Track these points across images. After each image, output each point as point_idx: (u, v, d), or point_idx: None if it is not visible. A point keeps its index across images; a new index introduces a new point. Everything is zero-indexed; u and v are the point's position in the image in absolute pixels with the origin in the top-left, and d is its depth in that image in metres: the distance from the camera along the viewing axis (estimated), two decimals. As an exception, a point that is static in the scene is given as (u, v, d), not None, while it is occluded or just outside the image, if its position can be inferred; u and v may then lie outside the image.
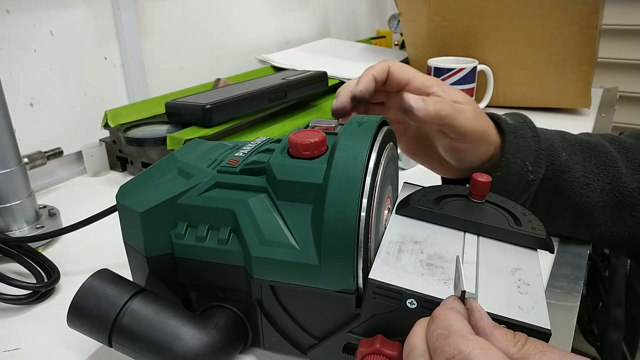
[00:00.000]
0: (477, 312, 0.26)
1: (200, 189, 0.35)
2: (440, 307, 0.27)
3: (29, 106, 0.70)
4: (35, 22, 0.69)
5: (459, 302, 0.27)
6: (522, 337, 0.25)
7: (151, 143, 0.66)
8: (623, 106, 1.37)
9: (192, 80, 0.92)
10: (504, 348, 0.24)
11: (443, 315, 0.26)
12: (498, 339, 0.25)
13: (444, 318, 0.25)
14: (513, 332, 0.25)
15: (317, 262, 0.31)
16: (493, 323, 0.26)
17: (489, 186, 0.38)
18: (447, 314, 0.25)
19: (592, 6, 0.84)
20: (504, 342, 0.24)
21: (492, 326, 0.25)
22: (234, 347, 0.35)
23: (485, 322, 0.25)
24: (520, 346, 0.24)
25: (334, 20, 1.41)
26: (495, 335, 0.25)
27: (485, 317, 0.26)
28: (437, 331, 0.25)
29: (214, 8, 0.99)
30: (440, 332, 0.24)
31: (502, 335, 0.25)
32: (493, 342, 0.24)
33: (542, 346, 0.24)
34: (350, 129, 0.34)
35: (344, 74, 0.93)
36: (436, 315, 0.26)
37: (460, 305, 0.27)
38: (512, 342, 0.24)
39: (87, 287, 0.34)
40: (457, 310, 0.26)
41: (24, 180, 0.54)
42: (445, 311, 0.26)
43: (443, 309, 0.26)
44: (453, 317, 0.25)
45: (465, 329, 0.24)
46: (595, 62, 0.89)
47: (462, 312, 0.26)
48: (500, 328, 0.25)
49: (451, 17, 0.94)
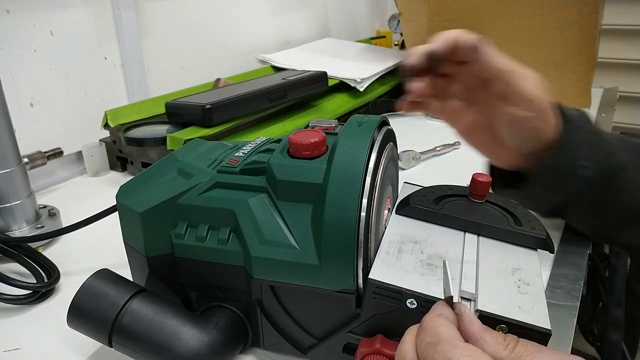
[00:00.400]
0: (466, 316, 0.26)
1: (200, 189, 0.35)
2: (429, 314, 0.27)
3: (29, 106, 0.70)
4: (35, 22, 0.69)
5: (448, 307, 0.27)
6: (512, 340, 0.25)
7: (151, 143, 0.66)
8: (623, 106, 1.37)
9: (192, 80, 0.92)
10: (495, 352, 0.24)
11: (431, 322, 0.26)
12: (488, 342, 0.25)
13: (432, 325, 0.25)
14: (504, 335, 0.25)
15: (317, 262, 0.31)
16: (483, 327, 0.26)
17: (489, 186, 0.38)
18: (435, 321, 0.25)
19: (592, 6, 0.84)
20: (495, 346, 0.24)
21: (482, 330, 0.25)
22: (234, 347, 0.35)
23: (475, 326, 0.25)
24: (511, 349, 0.24)
25: (334, 20, 1.41)
26: (485, 339, 0.25)
27: (474, 321, 0.26)
28: (426, 339, 0.25)
29: (214, 8, 0.99)
30: (429, 340, 0.25)
31: (493, 339, 0.25)
32: (483, 346, 0.24)
33: (534, 348, 0.24)
34: (350, 129, 0.34)
35: (344, 74, 0.93)
36: (425, 323, 0.26)
37: (449, 310, 0.27)
38: (503, 345, 0.24)
39: (87, 287, 0.34)
40: (446, 316, 0.26)
41: (24, 180, 0.54)
42: (434, 318, 0.26)
43: (431, 316, 0.26)
44: (441, 324, 0.25)
45: (453, 336, 0.24)
46: (595, 62, 0.89)
47: (451, 318, 0.26)
48: (490, 331, 0.25)
49: (451, 17, 0.94)
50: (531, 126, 0.43)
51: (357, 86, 0.92)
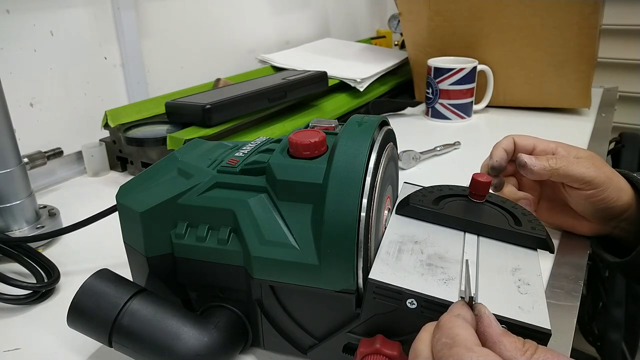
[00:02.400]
0: (486, 318, 0.25)
1: (200, 189, 0.35)
2: (447, 313, 0.26)
3: (29, 106, 0.70)
4: (35, 22, 0.69)
5: (467, 308, 0.26)
6: (531, 346, 0.24)
7: (151, 143, 0.66)
8: (623, 106, 1.37)
9: (192, 80, 0.92)
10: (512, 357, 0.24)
11: (449, 323, 0.25)
12: (506, 346, 0.24)
13: (449, 326, 0.25)
14: (523, 340, 0.25)
15: (317, 262, 0.31)
16: (502, 330, 0.25)
17: (489, 186, 0.38)
18: (453, 322, 0.25)
19: (592, 6, 0.84)
20: (513, 351, 0.24)
21: (500, 333, 0.25)
22: (234, 347, 0.36)
23: (494, 329, 0.25)
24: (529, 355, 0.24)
25: (334, 20, 1.41)
26: (503, 343, 0.24)
27: (494, 323, 0.25)
28: (442, 340, 0.24)
29: (214, 8, 0.99)
30: (445, 341, 0.24)
31: (511, 344, 0.24)
32: (501, 349, 0.24)
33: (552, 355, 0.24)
34: (350, 129, 0.34)
35: (344, 74, 0.93)
36: (442, 323, 0.25)
37: (468, 311, 0.26)
38: (521, 351, 0.24)
39: (87, 287, 0.34)
40: (464, 317, 0.25)
41: (24, 180, 0.54)
42: (452, 319, 0.25)
43: (449, 316, 0.26)
44: (458, 326, 0.25)
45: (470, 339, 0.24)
46: (595, 62, 0.89)
47: (469, 319, 0.25)
48: (509, 335, 0.25)
49: (451, 17, 0.94)
50: (600, 199, 0.46)
51: (357, 86, 0.92)
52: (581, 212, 0.49)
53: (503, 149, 0.50)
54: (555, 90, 0.93)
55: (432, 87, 0.92)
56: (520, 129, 0.62)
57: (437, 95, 0.92)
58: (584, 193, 0.46)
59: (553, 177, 0.46)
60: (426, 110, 0.96)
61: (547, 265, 0.47)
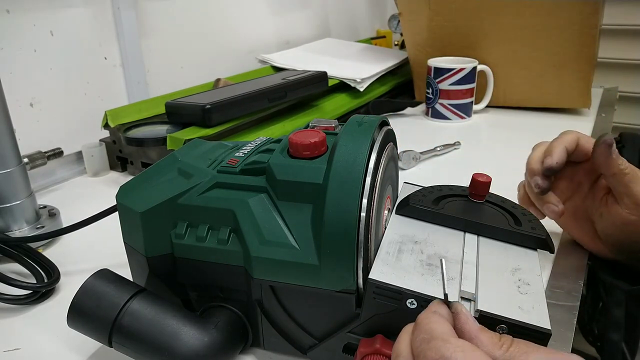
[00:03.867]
0: (463, 315, 0.26)
1: (200, 189, 0.35)
2: (424, 311, 0.27)
3: (29, 106, 0.70)
4: (35, 22, 0.69)
5: (444, 305, 0.27)
6: (507, 340, 0.25)
7: (151, 143, 0.66)
8: (623, 106, 1.37)
9: (192, 80, 0.92)
10: (489, 351, 0.24)
11: (426, 319, 0.26)
12: (483, 342, 0.25)
13: (426, 322, 0.25)
14: (499, 335, 0.25)
15: (317, 262, 0.31)
16: (478, 326, 0.26)
17: (489, 186, 0.38)
18: (430, 318, 0.26)
19: (592, 6, 0.84)
20: (489, 345, 0.25)
21: (477, 329, 0.25)
22: (234, 347, 0.35)
23: (470, 325, 0.26)
24: (505, 349, 0.24)
25: (334, 20, 1.41)
26: (480, 338, 0.25)
27: (470, 320, 0.26)
28: (420, 336, 0.25)
29: (214, 8, 0.99)
30: (423, 336, 0.25)
31: (488, 339, 0.25)
32: (478, 345, 0.25)
33: (527, 347, 0.24)
34: (350, 129, 0.34)
35: (344, 74, 0.93)
36: (419, 320, 0.26)
37: (445, 308, 0.27)
38: (498, 345, 0.25)
39: (87, 287, 0.34)
40: (441, 314, 0.26)
41: (24, 181, 0.54)
42: (428, 315, 0.26)
43: (426, 313, 0.26)
44: (435, 321, 0.25)
45: (447, 332, 0.24)
46: (595, 62, 0.89)
47: (446, 316, 0.26)
48: (485, 331, 0.25)
49: (451, 17, 0.94)
50: (636, 230, 0.42)
51: (357, 86, 0.92)
52: (603, 236, 0.45)
53: (565, 148, 0.44)
54: (555, 90, 0.93)
55: (432, 87, 0.92)
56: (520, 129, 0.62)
57: (437, 95, 0.92)
58: (626, 216, 0.42)
59: (615, 179, 0.41)
60: (426, 110, 0.96)
61: (547, 265, 0.47)
